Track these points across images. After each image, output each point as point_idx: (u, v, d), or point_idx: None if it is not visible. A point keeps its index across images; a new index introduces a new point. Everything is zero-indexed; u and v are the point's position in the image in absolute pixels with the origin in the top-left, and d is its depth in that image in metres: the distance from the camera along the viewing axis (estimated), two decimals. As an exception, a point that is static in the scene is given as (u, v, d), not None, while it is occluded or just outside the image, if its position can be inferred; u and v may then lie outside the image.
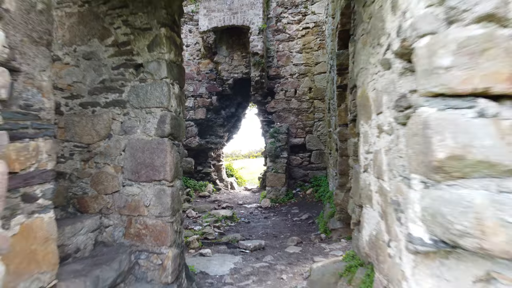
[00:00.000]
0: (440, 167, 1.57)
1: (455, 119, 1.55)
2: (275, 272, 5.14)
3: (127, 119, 3.44)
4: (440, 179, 1.61)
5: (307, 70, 12.75)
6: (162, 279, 3.35)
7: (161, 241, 3.40)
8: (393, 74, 2.25)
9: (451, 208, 1.55)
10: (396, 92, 2.18)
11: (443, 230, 1.62)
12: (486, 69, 1.48)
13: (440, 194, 1.61)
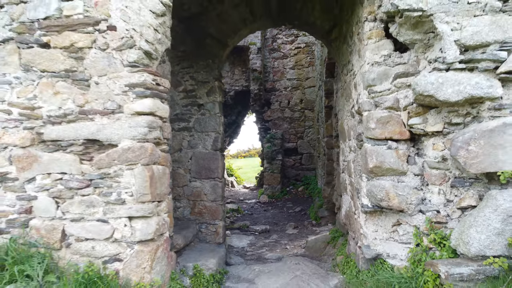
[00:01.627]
0: (371, 171, 3.57)
1: (377, 149, 3.55)
2: (280, 245, 7.12)
3: (193, 139, 5.37)
4: (372, 176, 3.61)
5: (299, 84, 14.77)
6: (216, 240, 5.31)
7: (215, 216, 5.35)
8: (355, 121, 4.26)
9: (377, 189, 3.55)
10: (356, 131, 4.19)
11: (374, 199, 3.62)
12: (389, 129, 3.49)
13: (372, 183, 3.61)
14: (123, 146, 3.34)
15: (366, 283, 3.71)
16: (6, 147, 3.50)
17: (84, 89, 3.41)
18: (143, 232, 3.35)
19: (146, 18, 3.35)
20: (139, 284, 3.28)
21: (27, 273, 3.20)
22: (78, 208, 3.41)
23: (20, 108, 3.48)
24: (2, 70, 3.51)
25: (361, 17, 3.75)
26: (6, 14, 3.51)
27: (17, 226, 3.49)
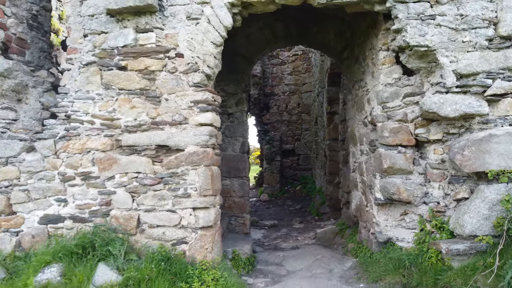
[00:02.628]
0: (385, 170, 4.46)
1: (390, 153, 4.44)
2: (291, 236, 7.99)
3: (223, 143, 6.17)
4: (385, 174, 4.50)
5: (296, 89, 15.68)
6: (244, 231, 6.14)
7: (242, 210, 6.17)
8: (367, 129, 5.14)
9: (389, 185, 4.44)
10: (369, 137, 5.07)
11: (387, 194, 4.51)
12: (400, 137, 4.38)
13: (385, 180, 4.50)
14: (189, 150, 4.16)
15: (379, 262, 4.59)
16: (90, 151, 4.28)
17: (156, 104, 4.21)
18: (205, 220, 4.17)
19: (208, 48, 4.18)
20: (202, 261, 4.09)
21: (113, 253, 3.99)
22: (151, 201, 4.21)
23: (102, 119, 4.27)
24: (86, 88, 4.29)
25: (376, 46, 4.64)
26: (89, 42, 4.29)
27: (98, 216, 4.27)
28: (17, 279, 3.74)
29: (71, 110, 4.30)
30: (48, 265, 3.84)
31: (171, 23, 4.20)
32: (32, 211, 4.32)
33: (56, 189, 4.30)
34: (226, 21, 4.18)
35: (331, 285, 4.50)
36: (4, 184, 4.35)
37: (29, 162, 4.32)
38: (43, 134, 4.35)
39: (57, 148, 4.30)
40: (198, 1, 4.17)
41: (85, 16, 4.29)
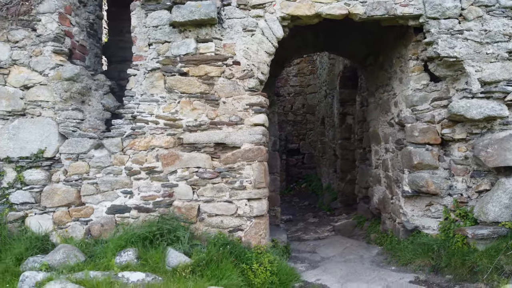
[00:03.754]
0: (415, 166, 5.04)
1: (419, 151, 5.02)
2: (310, 229, 8.55)
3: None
4: (414, 170, 5.07)
5: (301, 90, 16.25)
6: (276, 223, 6.68)
7: (274, 204, 6.70)
8: (394, 129, 5.71)
9: (418, 179, 5.02)
10: (396, 137, 5.64)
11: (416, 187, 5.08)
12: (428, 136, 4.96)
13: (414, 175, 5.08)
14: (244, 147, 4.68)
15: (407, 247, 5.17)
16: (154, 148, 4.77)
17: (215, 106, 4.73)
18: (259, 209, 4.70)
19: (262, 57, 4.71)
20: (257, 246, 4.62)
21: (180, 239, 4.49)
22: (210, 193, 4.72)
23: (165, 119, 4.76)
24: (151, 91, 4.79)
25: (405, 55, 5.22)
26: (154, 50, 4.79)
27: (162, 206, 4.76)
28: (99, 261, 4.21)
29: (137, 111, 4.78)
30: (124, 249, 4.32)
31: (229, 34, 4.71)
32: (100, 202, 4.80)
33: (123, 182, 4.78)
34: (278, 33, 4.71)
35: (366, 268, 5.06)
36: (75, 177, 4.82)
37: (98, 158, 4.79)
38: (110, 132, 4.83)
39: (124, 145, 4.78)
40: (253, 15, 4.70)
41: (150, 27, 4.77)
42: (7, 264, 4.34)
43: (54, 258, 4.18)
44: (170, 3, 4.71)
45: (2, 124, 4.87)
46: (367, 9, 4.64)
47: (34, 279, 3.84)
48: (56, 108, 4.83)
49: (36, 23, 4.86)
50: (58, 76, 4.82)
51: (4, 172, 4.85)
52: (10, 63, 4.87)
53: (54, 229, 4.80)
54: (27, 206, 4.84)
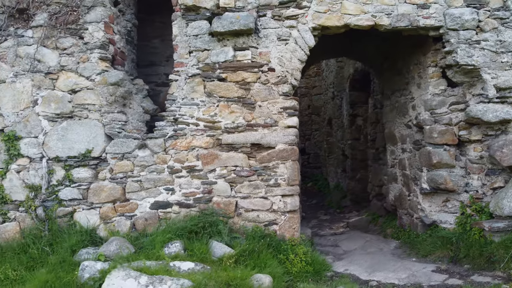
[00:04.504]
0: (434, 165, 5.45)
1: (437, 151, 5.43)
2: (324, 226, 8.94)
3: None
4: (433, 168, 5.49)
5: (307, 92, 16.65)
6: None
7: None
8: (412, 131, 6.13)
9: (437, 177, 5.43)
10: (413, 138, 6.06)
11: (434, 184, 5.50)
12: (446, 137, 5.38)
13: (433, 173, 5.49)
14: (279, 148, 5.07)
15: (426, 240, 5.58)
16: (194, 148, 5.15)
17: (251, 109, 5.12)
18: (292, 205, 5.09)
19: (295, 64, 5.10)
20: (291, 238, 5.01)
21: (221, 232, 4.87)
22: (246, 189, 5.11)
23: (205, 122, 5.14)
24: (191, 96, 5.16)
25: (424, 62, 5.64)
26: (194, 57, 5.16)
27: (202, 202, 5.14)
28: (149, 252, 4.58)
29: (179, 114, 5.15)
30: (171, 241, 4.69)
31: (264, 43, 5.10)
32: (144, 198, 5.16)
33: (165, 180, 5.15)
34: (310, 42, 5.11)
35: (388, 259, 5.47)
36: (120, 175, 5.19)
37: (142, 157, 5.16)
38: (154, 134, 5.20)
39: (166, 146, 5.16)
40: (286, 25, 5.09)
41: (190, 36, 5.15)
42: (63, 255, 4.70)
43: (109, 249, 4.55)
44: (209, 14, 5.09)
45: (51, 125, 5.22)
46: (392, 21, 5.05)
47: (93, 268, 4.21)
48: (102, 111, 5.19)
49: (83, 31, 5.22)
50: (104, 81, 5.18)
51: (54, 170, 5.21)
52: (59, 69, 5.22)
53: (102, 223, 5.15)
54: (75, 202, 5.19)
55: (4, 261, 4.79)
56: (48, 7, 5.26)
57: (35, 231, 5.08)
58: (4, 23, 5.25)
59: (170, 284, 3.75)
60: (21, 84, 5.24)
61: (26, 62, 5.25)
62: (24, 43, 5.26)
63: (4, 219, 5.22)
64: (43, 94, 5.23)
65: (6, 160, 5.20)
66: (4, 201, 5.20)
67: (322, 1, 5.06)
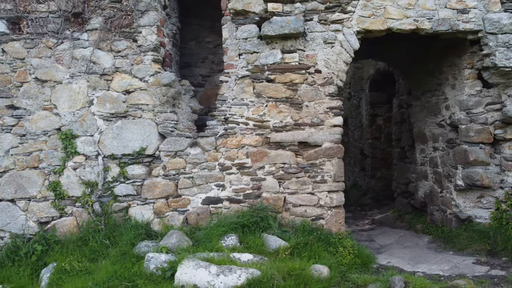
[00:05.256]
0: (470, 163, 5.70)
1: (473, 149, 5.68)
2: (350, 223, 9.16)
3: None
4: (469, 166, 5.74)
5: (320, 92, 16.89)
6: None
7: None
8: (445, 130, 6.38)
9: (474, 174, 5.69)
10: (447, 136, 6.31)
11: (470, 181, 5.75)
12: (482, 136, 5.63)
13: (469, 170, 5.74)
14: (326, 146, 5.33)
15: (461, 235, 5.84)
16: (244, 146, 5.40)
17: (298, 109, 5.37)
18: (338, 200, 5.35)
19: (341, 66, 5.36)
20: (337, 232, 5.26)
21: (272, 226, 5.12)
22: (294, 186, 5.36)
23: (254, 121, 5.39)
24: (241, 96, 5.41)
25: (459, 64, 5.89)
26: (244, 60, 5.41)
27: (251, 198, 5.39)
28: (207, 244, 4.82)
29: (229, 114, 5.40)
30: (226, 235, 4.95)
31: (311, 46, 5.35)
32: (196, 194, 5.41)
33: (216, 177, 5.40)
34: (355, 45, 5.36)
35: (427, 253, 5.72)
36: (172, 172, 5.43)
37: (194, 155, 5.41)
38: (205, 132, 5.45)
39: (217, 144, 5.41)
40: (332, 29, 5.34)
41: (240, 39, 5.40)
42: (123, 248, 4.95)
43: (170, 242, 4.80)
44: (258, 18, 5.35)
45: (106, 125, 5.47)
46: (433, 25, 5.30)
47: (159, 259, 4.46)
48: (156, 111, 5.44)
49: (137, 34, 5.47)
50: (156, 82, 5.43)
51: (109, 167, 5.45)
52: (113, 70, 5.47)
53: (155, 218, 5.40)
54: (130, 197, 5.44)
55: (67, 253, 5.05)
56: (102, 11, 5.50)
57: (92, 225, 5.31)
58: (61, 27, 5.49)
59: (239, 273, 3.99)
60: (77, 85, 5.48)
61: (81, 64, 5.48)
62: (80, 45, 5.49)
63: (61, 214, 5.45)
64: (99, 95, 5.46)
65: (63, 157, 5.44)
66: (61, 196, 5.43)
67: (366, 6, 5.31)
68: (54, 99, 5.49)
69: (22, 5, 5.51)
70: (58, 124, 5.47)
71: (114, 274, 4.40)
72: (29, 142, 5.46)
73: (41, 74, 5.47)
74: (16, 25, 5.57)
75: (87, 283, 4.37)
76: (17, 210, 5.45)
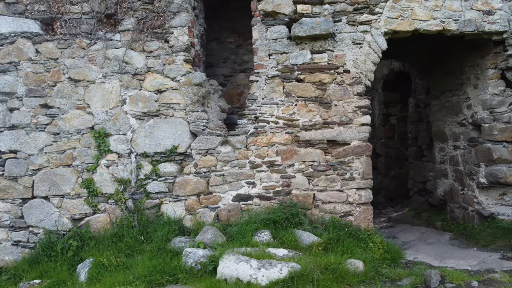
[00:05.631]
0: (494, 161, 5.83)
1: (497, 148, 5.81)
2: (366, 221, 9.31)
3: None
4: (492, 164, 5.87)
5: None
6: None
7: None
8: (466, 129, 6.51)
9: (497, 172, 5.81)
10: (469, 135, 6.44)
11: (493, 178, 5.88)
12: (505, 135, 5.76)
13: (492, 168, 5.87)
14: (354, 144, 5.45)
15: (484, 232, 5.96)
16: (274, 144, 5.52)
17: (327, 108, 5.49)
18: (366, 197, 5.47)
19: (369, 66, 5.48)
20: (366, 229, 5.39)
21: (303, 222, 5.24)
22: (323, 183, 5.48)
23: (284, 120, 5.52)
24: (271, 96, 5.54)
25: (482, 64, 6.02)
26: (274, 60, 5.54)
27: (281, 195, 5.51)
28: (241, 240, 4.94)
29: (259, 113, 5.53)
30: (259, 230, 5.07)
31: (340, 47, 5.48)
32: (227, 191, 5.53)
33: (246, 174, 5.52)
34: (383, 46, 5.49)
35: (451, 249, 5.84)
36: (204, 170, 5.55)
37: (225, 153, 5.53)
38: (235, 131, 5.57)
39: (247, 142, 5.53)
40: (360, 30, 5.46)
41: (270, 40, 5.52)
42: (159, 243, 5.07)
43: (206, 237, 4.92)
44: (287, 19, 5.47)
45: (139, 123, 5.59)
46: (459, 26, 5.43)
47: (197, 254, 4.58)
48: (187, 110, 5.56)
49: (169, 35, 5.59)
50: (188, 82, 5.55)
51: (142, 165, 5.57)
52: (145, 70, 5.59)
53: (187, 214, 5.52)
54: (162, 194, 5.56)
55: (103, 248, 5.16)
56: (135, 12, 5.62)
57: (125, 222, 5.44)
58: (94, 28, 5.62)
59: (280, 267, 4.12)
60: (109, 85, 5.60)
61: (114, 64, 5.60)
62: (113, 46, 5.61)
63: (94, 211, 5.57)
64: (131, 94, 5.58)
65: (96, 155, 5.56)
66: (94, 194, 5.55)
67: (394, 8, 5.43)
68: (87, 98, 5.60)
69: (56, 6, 5.63)
70: (91, 122, 5.59)
71: (154, 268, 4.52)
72: (63, 140, 5.57)
73: (75, 74, 5.59)
74: (49, 26, 5.69)
75: (127, 277, 4.49)
76: (51, 207, 5.56)
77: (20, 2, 5.61)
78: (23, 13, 5.62)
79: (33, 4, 5.61)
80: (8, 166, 5.56)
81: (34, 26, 5.62)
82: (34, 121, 5.57)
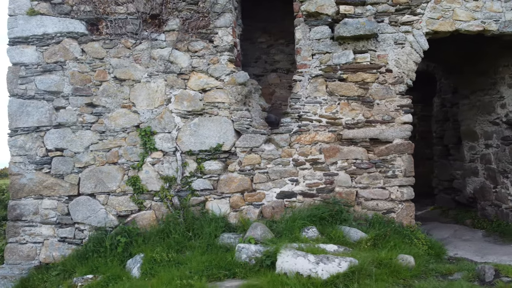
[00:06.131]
0: (531, 158, 5.96)
1: (534, 146, 5.94)
2: (391, 219, 9.42)
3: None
4: (529, 162, 5.99)
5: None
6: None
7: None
8: (499, 128, 6.61)
9: (533, 169, 5.94)
10: (502, 134, 6.54)
11: (529, 176, 6.00)
12: (543, 134, 5.89)
13: (529, 166, 6.00)
14: (396, 142, 5.56)
15: (520, 228, 6.08)
16: (317, 143, 5.62)
17: (369, 107, 5.60)
18: (409, 194, 5.58)
19: (410, 65, 5.59)
20: (408, 225, 5.49)
21: (347, 218, 5.35)
22: (366, 180, 5.59)
23: (327, 118, 5.62)
24: (314, 95, 5.64)
25: (518, 64, 6.13)
26: (317, 60, 5.64)
27: (324, 192, 5.61)
28: (290, 236, 5.04)
29: (303, 111, 5.63)
30: (307, 227, 5.17)
31: (382, 47, 5.58)
32: (271, 188, 5.64)
33: (290, 172, 5.63)
34: (424, 46, 5.60)
35: (489, 246, 5.95)
36: (248, 168, 5.66)
37: (269, 151, 5.63)
38: (279, 129, 5.67)
39: (291, 140, 5.63)
40: (402, 31, 5.57)
41: (313, 40, 5.63)
42: (208, 239, 5.17)
43: (256, 233, 5.02)
44: (330, 20, 5.58)
45: (184, 122, 5.70)
46: (500, 27, 5.54)
47: (249, 250, 4.67)
48: (232, 109, 5.66)
49: (213, 35, 5.69)
50: (232, 81, 5.66)
51: (187, 163, 5.68)
52: (190, 70, 5.69)
53: (231, 211, 5.63)
54: (206, 192, 5.66)
55: (151, 244, 5.26)
56: (179, 13, 5.72)
57: (171, 219, 5.53)
58: (139, 28, 5.72)
59: (338, 261, 4.22)
60: (155, 84, 5.70)
61: (159, 64, 5.71)
62: (158, 46, 5.71)
63: (140, 208, 5.68)
64: (176, 93, 5.69)
65: (142, 153, 5.67)
66: (140, 191, 5.66)
67: (435, 8, 5.54)
68: (132, 97, 5.70)
69: (102, 7, 5.73)
70: (136, 121, 5.69)
71: (210, 263, 4.61)
72: (109, 138, 5.67)
73: (120, 73, 5.69)
74: (95, 26, 5.79)
75: (183, 272, 4.57)
76: (97, 204, 5.66)
77: (66, 2, 5.70)
78: (69, 13, 5.72)
79: (79, 4, 5.71)
80: (54, 164, 5.66)
81: (80, 26, 5.72)
82: (80, 120, 5.67)
